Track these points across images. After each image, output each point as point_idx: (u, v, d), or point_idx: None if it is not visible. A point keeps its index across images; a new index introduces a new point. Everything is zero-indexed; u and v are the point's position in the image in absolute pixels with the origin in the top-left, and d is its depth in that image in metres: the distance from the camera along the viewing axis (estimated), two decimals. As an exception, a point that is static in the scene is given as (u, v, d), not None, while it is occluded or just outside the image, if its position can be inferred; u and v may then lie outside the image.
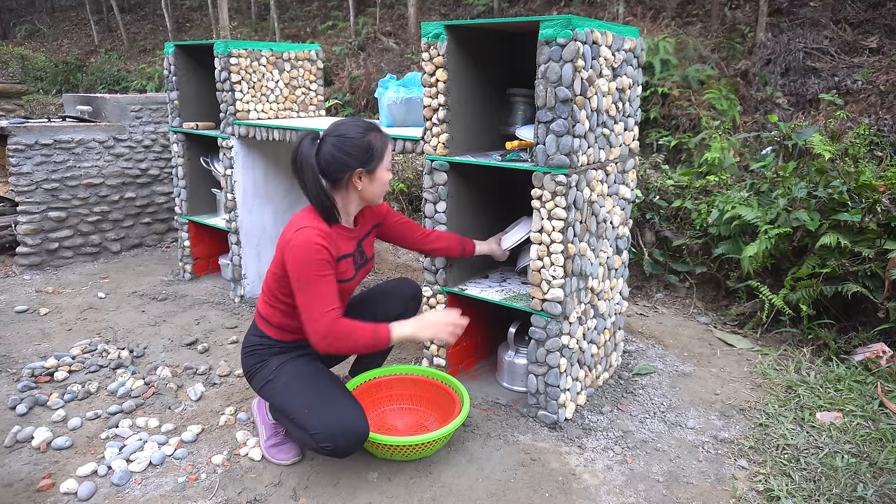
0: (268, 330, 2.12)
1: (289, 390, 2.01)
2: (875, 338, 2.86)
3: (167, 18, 12.14)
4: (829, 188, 3.06)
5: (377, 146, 1.98)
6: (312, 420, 1.92)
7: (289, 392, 2.01)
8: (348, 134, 1.95)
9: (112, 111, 4.42)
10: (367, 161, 1.96)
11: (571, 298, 2.26)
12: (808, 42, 5.56)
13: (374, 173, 2.00)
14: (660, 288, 3.71)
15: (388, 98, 2.86)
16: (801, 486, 1.99)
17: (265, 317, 2.12)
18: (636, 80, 2.51)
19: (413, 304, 2.44)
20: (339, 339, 1.89)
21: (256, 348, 2.14)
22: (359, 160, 1.95)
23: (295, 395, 2.00)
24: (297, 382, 2.03)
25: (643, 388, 2.64)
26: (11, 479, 2.05)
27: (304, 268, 1.88)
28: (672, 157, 4.88)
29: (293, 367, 2.08)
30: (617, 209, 2.53)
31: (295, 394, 2.00)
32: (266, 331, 2.12)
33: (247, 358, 2.15)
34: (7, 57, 11.97)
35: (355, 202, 2.08)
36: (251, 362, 2.13)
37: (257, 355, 2.13)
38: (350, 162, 1.95)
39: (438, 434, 2.04)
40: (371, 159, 1.97)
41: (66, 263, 4.17)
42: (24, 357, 2.88)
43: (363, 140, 1.95)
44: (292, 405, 1.98)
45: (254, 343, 2.15)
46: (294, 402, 1.98)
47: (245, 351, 2.17)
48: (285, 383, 2.03)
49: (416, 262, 4.32)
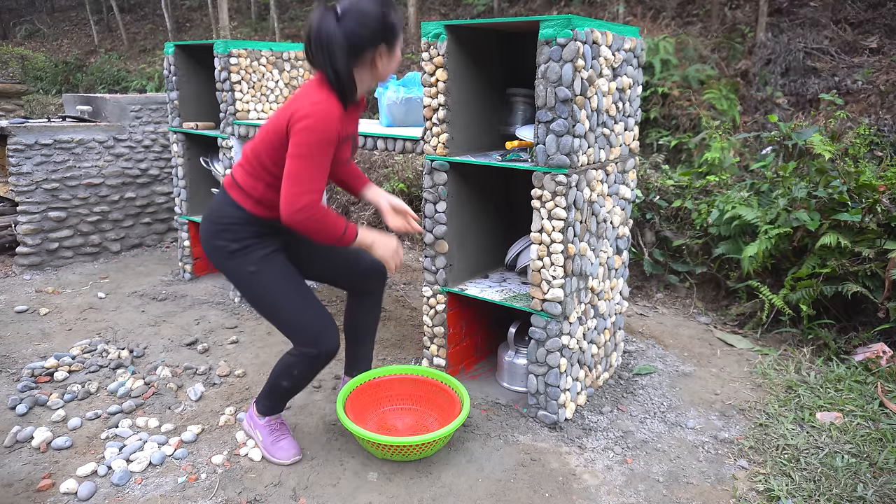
0: (245, 202, 1.99)
1: (278, 287, 2.01)
2: (875, 338, 2.86)
3: (167, 18, 12.14)
4: (829, 188, 3.06)
5: (396, 22, 1.93)
6: (306, 319, 1.99)
7: (277, 289, 2.01)
8: (369, 11, 1.87)
9: (112, 111, 4.42)
10: (390, 38, 1.91)
11: (571, 298, 2.26)
12: (808, 42, 5.56)
13: (393, 50, 1.95)
14: (660, 288, 3.71)
15: (387, 98, 2.86)
16: (801, 486, 1.99)
17: (244, 188, 2.00)
18: (636, 80, 2.51)
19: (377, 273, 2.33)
20: (311, 219, 1.85)
21: (232, 223, 2.00)
22: (383, 37, 1.89)
23: (284, 293, 2.00)
24: (285, 280, 2.02)
25: (643, 388, 2.64)
26: (11, 479, 2.05)
27: (312, 140, 1.82)
28: (672, 157, 4.88)
29: (280, 265, 2.03)
30: (617, 209, 2.53)
31: (284, 292, 2.00)
32: (243, 203, 2.00)
33: (221, 232, 2.01)
34: (7, 57, 11.97)
35: (368, 81, 2.00)
36: (226, 238, 2.01)
37: (232, 232, 2.00)
38: (375, 39, 1.89)
39: (438, 434, 2.04)
40: (393, 36, 1.92)
41: (66, 263, 4.17)
42: (24, 357, 2.88)
43: (385, 17, 1.89)
44: (282, 302, 2.00)
45: (228, 216, 2.01)
46: (284, 300, 2.00)
47: (217, 224, 2.02)
48: (273, 278, 2.01)
49: (415, 263, 4.32)
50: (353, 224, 1.96)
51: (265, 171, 1.96)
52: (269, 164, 1.95)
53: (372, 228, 2.02)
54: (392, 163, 5.19)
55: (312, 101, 1.86)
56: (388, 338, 3.12)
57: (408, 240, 4.75)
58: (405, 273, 4.12)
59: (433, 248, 2.51)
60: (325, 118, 1.83)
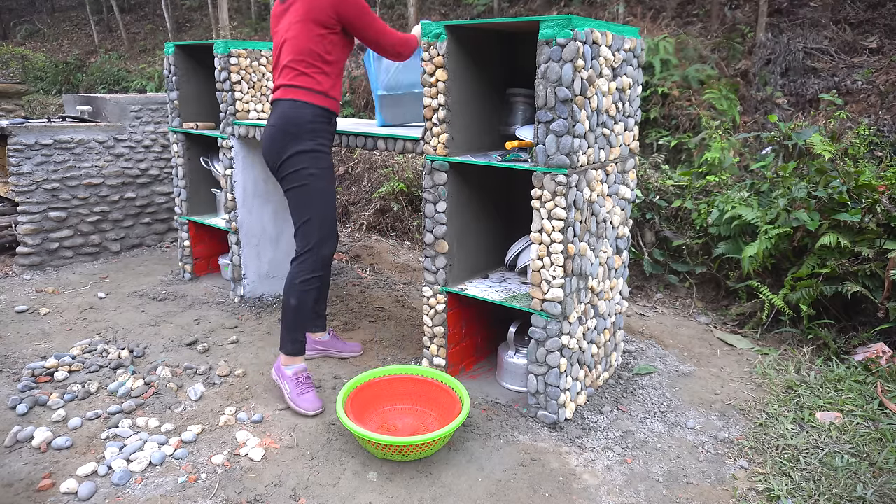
0: (318, 100, 2.28)
1: (326, 195, 2.38)
2: (875, 338, 2.86)
3: (167, 18, 12.14)
4: (829, 188, 3.06)
5: None
6: (324, 229, 2.38)
7: (325, 197, 2.38)
8: None
9: (112, 111, 4.42)
10: None
11: (571, 298, 2.26)
12: (808, 42, 5.56)
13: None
14: (660, 288, 3.71)
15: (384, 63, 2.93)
16: (801, 486, 1.99)
17: (312, 87, 2.27)
18: (636, 80, 2.51)
19: None
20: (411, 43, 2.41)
21: (312, 123, 2.29)
22: None
23: (327, 204, 2.39)
24: (329, 193, 2.39)
25: (643, 388, 2.64)
26: (11, 479, 2.05)
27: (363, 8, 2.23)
28: (672, 157, 4.88)
29: (330, 177, 2.39)
30: (617, 209, 2.53)
31: (327, 203, 2.38)
32: (319, 101, 2.28)
33: (302, 134, 2.29)
34: (7, 57, 11.97)
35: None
36: (304, 140, 2.30)
37: (311, 132, 2.31)
38: None
39: (438, 434, 2.04)
40: None
41: (66, 263, 4.17)
42: (24, 357, 2.88)
43: None
44: (323, 208, 2.38)
45: (308, 115, 2.29)
46: (325, 207, 2.38)
47: (297, 124, 2.29)
48: (325, 188, 2.37)
49: (416, 263, 4.32)
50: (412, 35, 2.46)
51: (327, 63, 2.27)
52: (327, 56, 2.25)
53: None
54: (392, 163, 5.19)
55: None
56: (388, 338, 3.12)
57: (407, 239, 4.75)
58: (405, 273, 4.12)
59: (433, 248, 2.52)
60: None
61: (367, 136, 2.72)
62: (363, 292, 3.76)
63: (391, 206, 4.88)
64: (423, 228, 2.54)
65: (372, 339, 3.10)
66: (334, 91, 2.38)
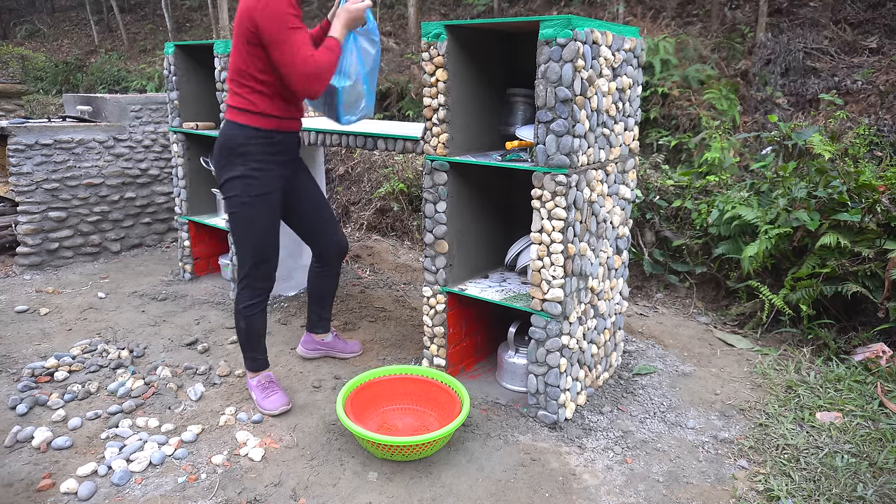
0: (251, 120, 2.14)
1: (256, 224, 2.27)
2: (875, 338, 2.86)
3: (167, 18, 12.14)
4: (829, 188, 3.06)
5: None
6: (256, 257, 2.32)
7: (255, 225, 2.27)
8: None
9: (112, 111, 4.42)
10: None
11: (571, 298, 2.26)
12: (808, 42, 5.56)
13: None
14: (660, 288, 3.71)
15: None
16: (801, 486, 1.99)
17: (245, 108, 2.14)
18: (636, 80, 2.51)
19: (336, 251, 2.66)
20: (322, 70, 2.05)
21: (244, 146, 2.16)
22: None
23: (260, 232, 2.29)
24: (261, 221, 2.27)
25: (643, 388, 2.64)
26: (11, 479, 2.05)
27: (279, 22, 1.95)
28: (672, 157, 4.88)
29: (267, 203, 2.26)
30: (617, 209, 2.53)
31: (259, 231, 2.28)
32: (250, 122, 2.14)
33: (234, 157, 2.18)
34: (7, 57, 11.96)
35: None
36: (236, 164, 2.18)
37: (243, 156, 2.17)
38: None
39: (438, 434, 2.04)
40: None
41: (66, 263, 4.17)
42: (24, 357, 2.88)
43: None
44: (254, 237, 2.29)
45: (238, 139, 2.16)
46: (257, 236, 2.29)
47: (228, 149, 2.18)
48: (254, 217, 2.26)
49: (416, 263, 4.32)
50: (329, 38, 2.14)
51: (257, 81, 2.10)
52: (257, 73, 2.08)
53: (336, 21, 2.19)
54: (392, 163, 5.19)
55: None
56: (388, 338, 3.12)
57: (407, 239, 4.75)
58: (405, 273, 4.12)
59: (433, 248, 2.52)
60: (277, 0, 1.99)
61: (367, 136, 2.72)
62: (363, 292, 3.76)
63: (391, 206, 4.88)
64: (423, 228, 2.54)
65: (372, 339, 3.10)
66: (275, 108, 2.19)
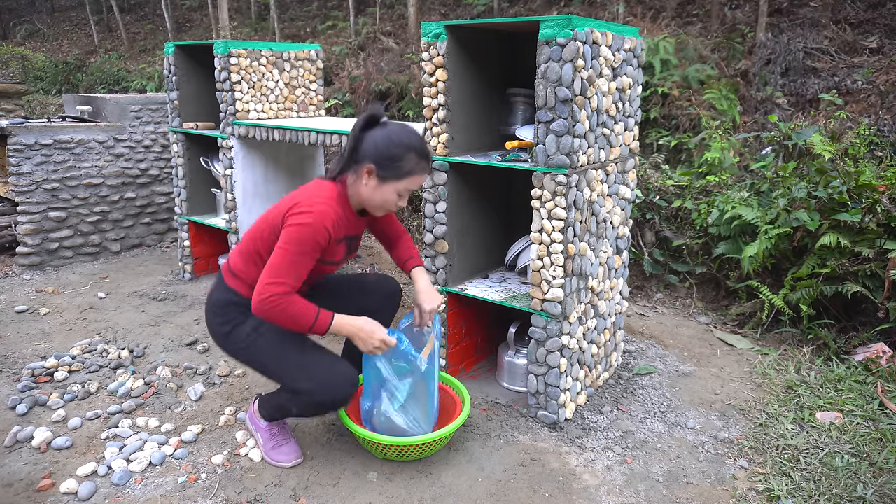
0: (240, 287, 2.04)
1: (273, 350, 2.00)
2: (875, 338, 2.86)
3: (167, 18, 12.13)
4: (829, 188, 3.06)
5: (405, 166, 1.91)
6: (302, 377, 1.95)
7: (273, 351, 2.00)
8: (401, 134, 1.91)
9: (112, 111, 4.42)
10: (385, 166, 1.89)
11: (571, 298, 2.26)
12: (808, 42, 5.56)
13: (383, 183, 1.92)
14: (660, 288, 3.71)
15: None
16: (801, 486, 1.99)
17: (238, 274, 2.04)
18: (636, 80, 2.51)
19: (389, 303, 2.35)
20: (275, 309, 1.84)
21: (227, 307, 2.05)
22: (379, 157, 1.89)
23: (281, 354, 1.99)
24: (281, 341, 2.00)
25: (643, 388, 2.64)
26: (11, 479, 2.05)
27: (300, 240, 1.85)
28: (672, 157, 4.87)
29: (272, 328, 2.01)
30: (617, 209, 2.53)
31: (281, 352, 1.99)
32: (238, 288, 2.04)
33: (216, 317, 2.05)
34: (7, 57, 11.96)
35: (356, 196, 2.00)
36: (221, 321, 2.05)
37: (228, 314, 2.04)
38: (373, 154, 1.90)
39: (439, 434, 2.04)
40: (389, 167, 1.90)
41: (66, 263, 4.17)
42: (24, 357, 2.88)
43: (400, 150, 1.89)
44: (278, 365, 1.99)
45: (223, 301, 2.05)
46: (280, 362, 1.99)
47: (213, 309, 2.06)
48: (269, 342, 2.00)
49: (416, 262, 4.32)
50: (328, 313, 1.91)
51: (260, 258, 2.00)
52: (264, 253, 1.98)
53: (351, 318, 1.95)
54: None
55: (314, 200, 1.89)
56: (388, 338, 3.12)
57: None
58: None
59: (433, 248, 2.52)
60: (318, 223, 1.86)
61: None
62: (363, 292, 3.75)
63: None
64: (423, 228, 2.54)
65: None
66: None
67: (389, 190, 1.94)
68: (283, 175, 3.69)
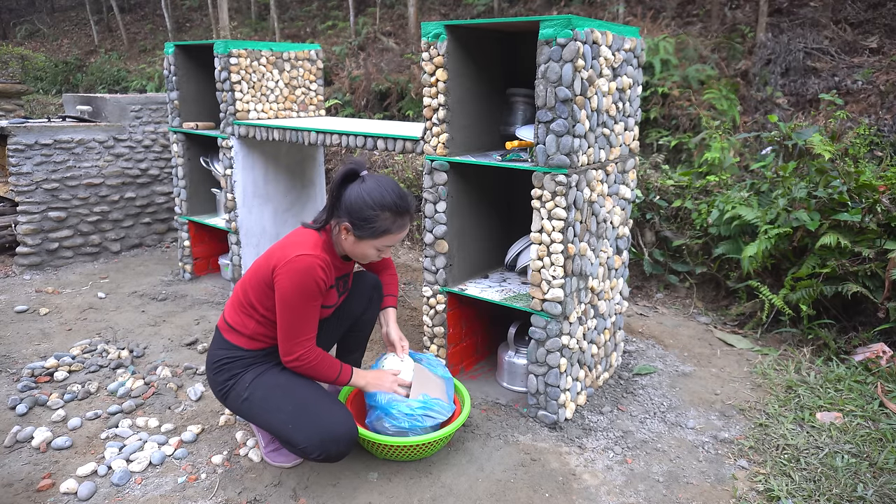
0: (237, 340, 2.01)
1: (267, 407, 1.96)
2: (875, 338, 2.86)
3: (167, 18, 12.14)
4: (829, 188, 3.06)
5: (380, 226, 1.93)
6: (297, 435, 1.91)
7: (267, 409, 1.96)
8: (374, 193, 1.91)
9: (112, 111, 4.42)
10: (359, 226, 1.92)
11: (571, 298, 2.26)
12: (808, 42, 5.56)
13: (359, 241, 1.95)
14: (660, 288, 3.71)
15: None
16: (801, 486, 1.99)
17: (235, 327, 2.02)
18: (636, 80, 2.51)
19: (375, 294, 2.35)
20: (306, 366, 1.96)
21: (225, 363, 2.02)
22: (353, 218, 1.91)
23: (274, 412, 1.95)
24: (273, 397, 1.97)
25: (643, 388, 2.64)
26: (11, 479, 2.05)
27: (298, 293, 1.87)
28: (672, 157, 4.87)
29: (268, 380, 1.99)
30: (617, 209, 2.53)
31: (274, 410, 1.95)
32: (235, 341, 2.01)
33: (216, 375, 2.03)
34: (7, 57, 11.95)
35: (339, 245, 2.03)
36: (221, 379, 2.02)
37: (227, 371, 2.01)
38: (348, 214, 1.92)
39: (439, 435, 2.04)
40: (364, 227, 1.92)
41: (66, 263, 4.17)
42: (24, 357, 2.88)
43: (374, 209, 1.90)
44: (273, 423, 1.95)
45: (222, 357, 2.02)
46: (274, 420, 1.95)
47: (213, 368, 2.04)
48: (262, 399, 1.97)
49: (416, 263, 4.32)
50: (348, 367, 2.06)
51: (256, 311, 2.00)
52: (259, 306, 1.99)
53: (364, 372, 2.12)
54: (392, 163, 5.19)
55: (299, 252, 1.90)
56: (388, 338, 3.12)
57: (407, 240, 4.75)
58: (405, 273, 4.12)
59: (433, 248, 2.51)
60: (309, 272, 1.87)
61: (367, 136, 2.72)
62: (363, 292, 3.75)
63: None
64: (423, 228, 2.54)
65: (372, 339, 3.10)
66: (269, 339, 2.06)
67: (367, 246, 1.98)
68: (283, 175, 3.70)
